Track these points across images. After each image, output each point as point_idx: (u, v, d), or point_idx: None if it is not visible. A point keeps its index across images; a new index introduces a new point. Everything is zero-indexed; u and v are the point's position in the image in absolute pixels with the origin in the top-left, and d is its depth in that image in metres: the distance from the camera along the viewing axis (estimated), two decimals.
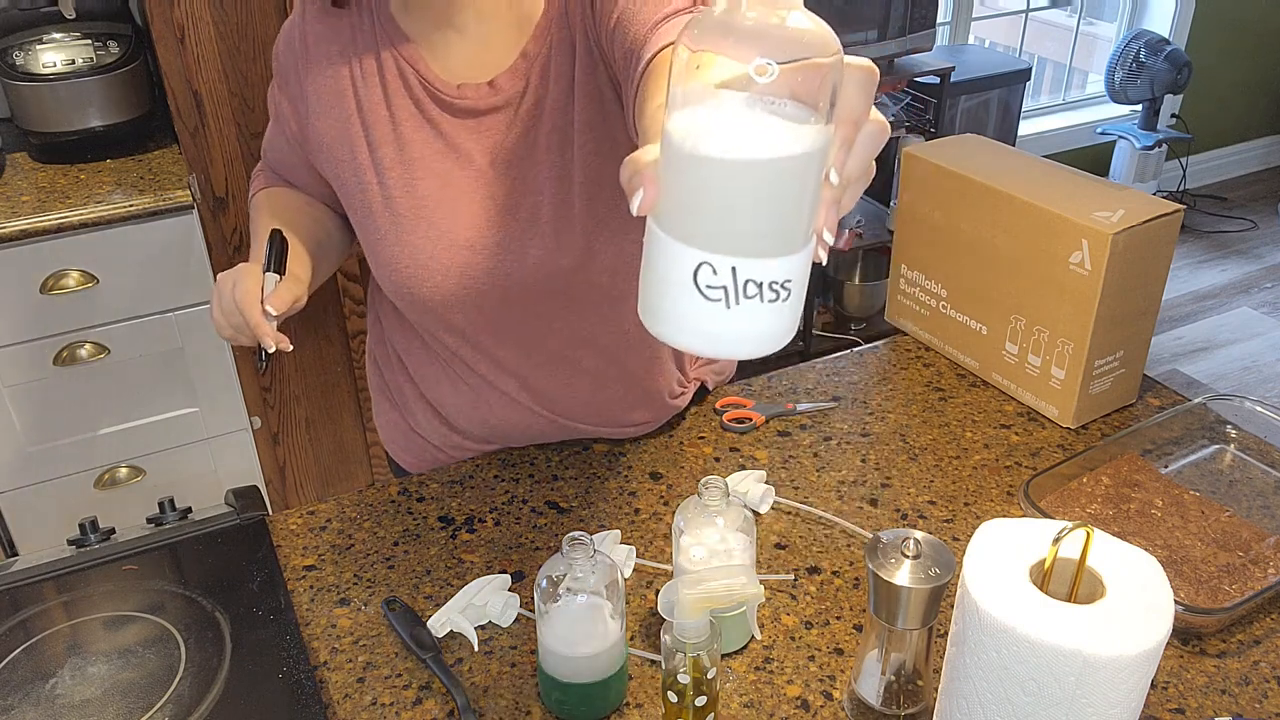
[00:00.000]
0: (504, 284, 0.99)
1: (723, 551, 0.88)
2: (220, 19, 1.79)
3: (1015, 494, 1.08)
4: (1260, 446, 1.12)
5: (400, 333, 1.15)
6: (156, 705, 0.84)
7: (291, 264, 0.99)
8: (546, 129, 0.96)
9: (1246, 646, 0.90)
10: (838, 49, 0.47)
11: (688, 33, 0.48)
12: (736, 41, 0.47)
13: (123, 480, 2.04)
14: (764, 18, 0.47)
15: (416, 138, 0.98)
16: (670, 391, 1.15)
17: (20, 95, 1.91)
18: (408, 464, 1.24)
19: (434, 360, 1.12)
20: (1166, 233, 1.11)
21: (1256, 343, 3.24)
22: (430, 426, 1.18)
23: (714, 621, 0.78)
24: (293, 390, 2.14)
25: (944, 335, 1.31)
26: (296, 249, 1.02)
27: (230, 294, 0.93)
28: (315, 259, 1.04)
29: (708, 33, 0.47)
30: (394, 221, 0.99)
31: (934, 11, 2.86)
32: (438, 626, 0.92)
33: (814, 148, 0.47)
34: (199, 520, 1.06)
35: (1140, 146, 3.58)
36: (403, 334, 1.14)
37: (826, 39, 0.47)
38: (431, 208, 0.98)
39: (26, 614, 0.94)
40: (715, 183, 0.48)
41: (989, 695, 0.67)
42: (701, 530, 0.88)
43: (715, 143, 0.47)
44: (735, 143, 0.47)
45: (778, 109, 0.46)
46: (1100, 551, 0.69)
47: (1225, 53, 3.93)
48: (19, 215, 1.77)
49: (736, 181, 0.47)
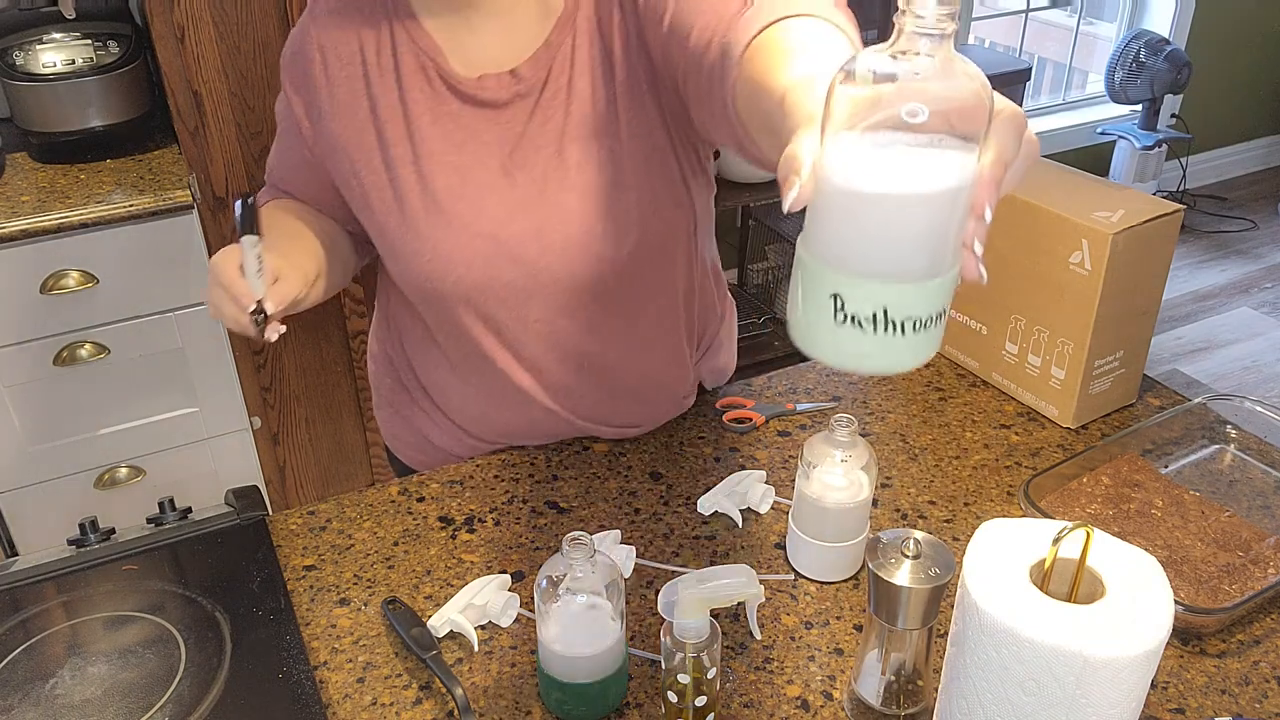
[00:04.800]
0: (529, 276, 0.99)
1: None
2: (220, 19, 1.79)
3: (1015, 494, 1.08)
4: (1260, 446, 1.12)
5: (409, 333, 1.15)
6: (156, 705, 0.84)
7: (299, 257, 0.97)
8: (571, 119, 0.95)
9: (1246, 646, 0.90)
10: (987, 92, 0.50)
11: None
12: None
13: (123, 480, 2.04)
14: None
15: (434, 132, 0.98)
16: (684, 390, 1.16)
17: (20, 95, 1.91)
18: (410, 460, 1.23)
19: (446, 361, 1.12)
20: (1166, 233, 1.11)
21: (1256, 343, 3.24)
22: (437, 425, 1.18)
23: (714, 621, 0.78)
24: (293, 390, 2.14)
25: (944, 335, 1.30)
26: (307, 245, 1.00)
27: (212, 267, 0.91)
28: (326, 259, 1.03)
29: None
30: (414, 217, 0.99)
31: None
32: (438, 626, 0.92)
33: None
34: (199, 520, 1.06)
35: (1140, 146, 3.58)
36: (412, 334, 1.14)
37: (977, 84, 0.49)
38: (453, 201, 0.98)
39: (26, 614, 0.94)
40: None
41: (989, 695, 0.67)
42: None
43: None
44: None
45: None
46: (1100, 551, 0.69)
47: (1225, 53, 3.93)
48: (19, 215, 1.77)
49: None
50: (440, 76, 0.97)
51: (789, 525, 0.98)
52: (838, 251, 0.52)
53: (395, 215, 1.00)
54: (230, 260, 0.89)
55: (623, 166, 0.96)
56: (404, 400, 1.20)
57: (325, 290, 1.03)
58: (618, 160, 0.95)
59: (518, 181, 0.98)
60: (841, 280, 0.51)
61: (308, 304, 0.97)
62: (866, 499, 0.94)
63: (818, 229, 0.53)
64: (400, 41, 0.97)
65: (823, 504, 0.93)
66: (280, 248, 0.98)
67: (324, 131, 1.01)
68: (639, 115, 0.94)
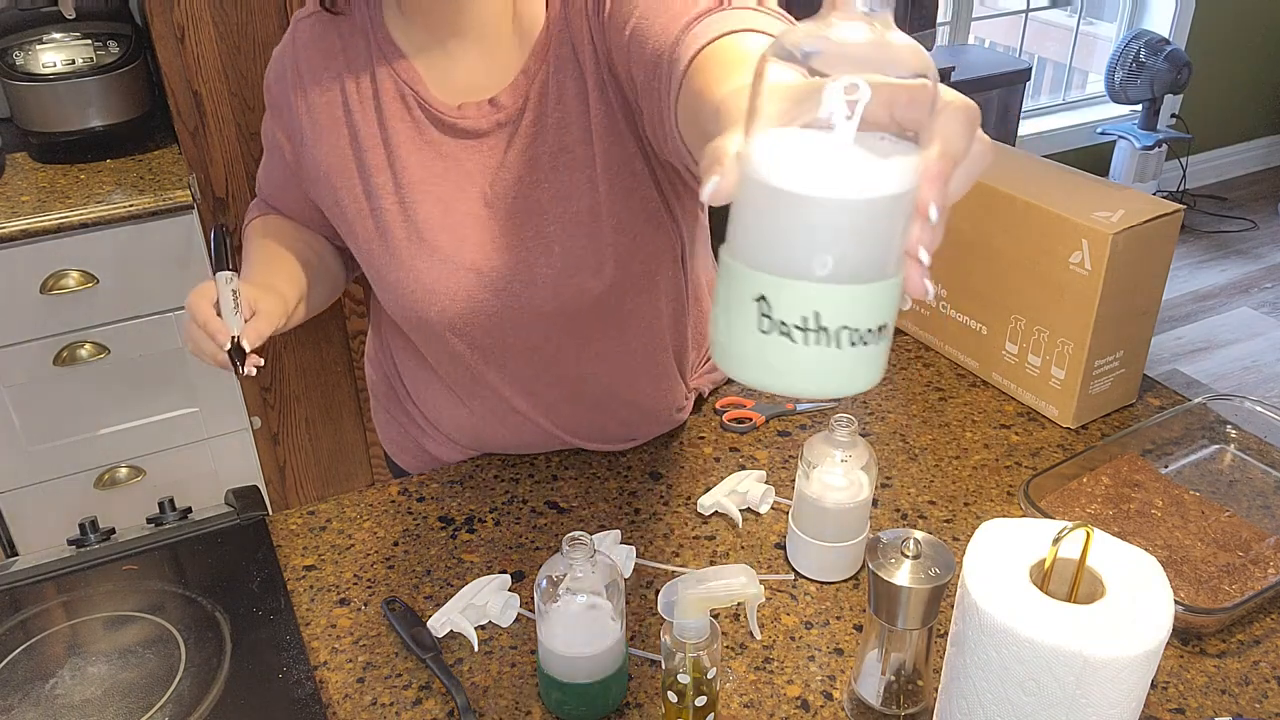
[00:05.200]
0: (512, 306, 0.98)
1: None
2: (220, 19, 1.79)
3: (1015, 494, 1.08)
4: (1260, 446, 1.12)
5: (402, 351, 1.15)
6: (156, 705, 0.84)
7: (280, 282, 0.97)
8: (548, 148, 0.94)
9: (1246, 646, 0.90)
10: (931, 71, 0.45)
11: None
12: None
13: (123, 480, 2.04)
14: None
15: (414, 161, 0.97)
16: (677, 405, 1.15)
17: (20, 95, 1.91)
18: (408, 465, 1.24)
19: (436, 379, 1.12)
20: (1166, 233, 1.11)
21: (1256, 343, 3.24)
22: (431, 438, 1.18)
23: (714, 621, 0.78)
24: (293, 390, 2.14)
25: (944, 335, 1.31)
26: (288, 269, 1.00)
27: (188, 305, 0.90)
28: (307, 281, 1.03)
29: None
30: (396, 247, 0.98)
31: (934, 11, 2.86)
32: (438, 626, 0.92)
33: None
34: (199, 520, 1.06)
35: (1140, 146, 3.58)
36: (404, 353, 1.14)
37: (921, 59, 0.45)
38: (435, 232, 0.97)
39: (26, 614, 0.94)
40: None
41: (989, 695, 0.67)
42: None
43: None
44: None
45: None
46: (1100, 551, 0.69)
47: (1225, 53, 3.93)
48: (19, 215, 1.77)
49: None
50: (420, 105, 0.96)
51: (789, 525, 0.98)
52: (764, 251, 0.46)
53: (378, 244, 0.99)
54: (205, 297, 0.89)
55: (601, 196, 0.94)
56: (399, 412, 1.20)
57: (307, 312, 1.03)
58: (596, 189, 0.94)
59: (498, 212, 0.97)
60: (768, 281, 0.45)
61: (288, 328, 0.97)
62: (866, 499, 0.94)
63: (742, 228, 0.47)
64: (380, 70, 0.96)
65: (823, 504, 0.93)
66: (259, 276, 0.98)
67: (306, 157, 1.01)
68: (615, 144, 0.93)
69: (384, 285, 1.01)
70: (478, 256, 0.97)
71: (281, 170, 1.06)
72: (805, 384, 0.47)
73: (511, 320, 0.99)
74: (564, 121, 0.93)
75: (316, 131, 0.99)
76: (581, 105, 0.92)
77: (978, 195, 1.19)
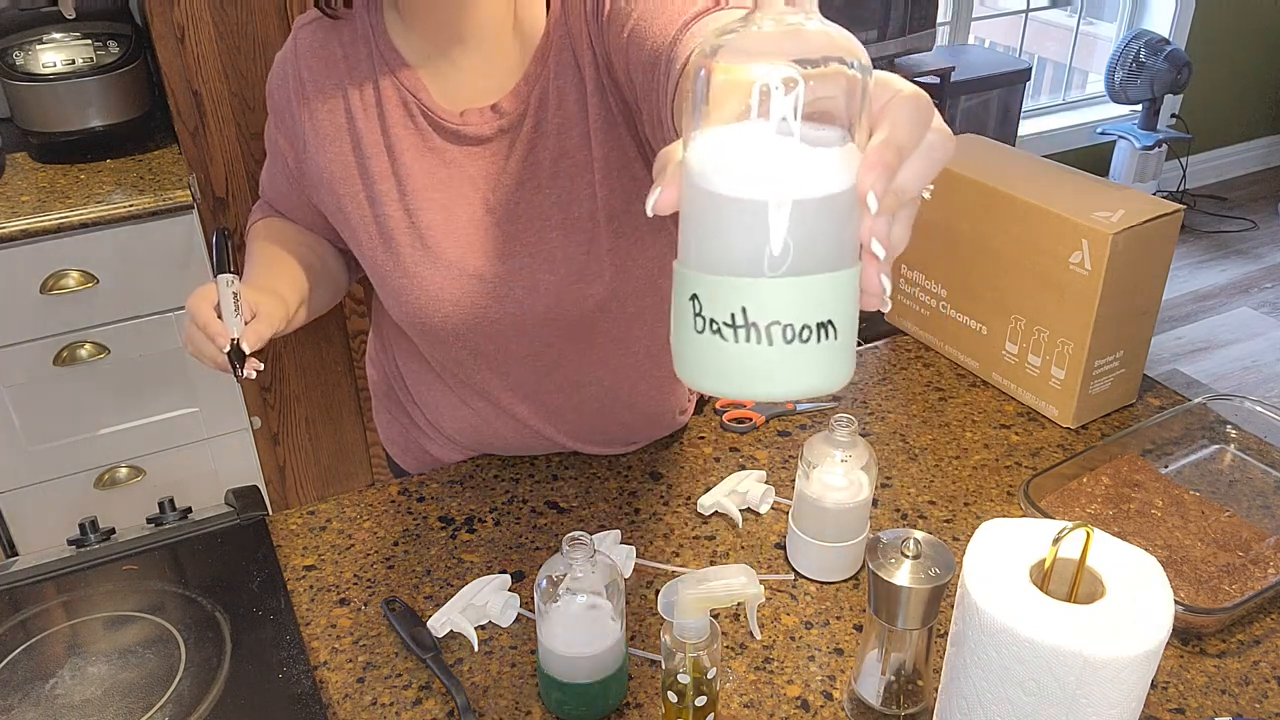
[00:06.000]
0: (515, 312, 0.98)
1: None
2: (220, 19, 1.79)
3: (1015, 494, 1.08)
4: (1260, 446, 1.12)
5: (403, 353, 1.15)
6: (156, 705, 0.84)
7: (281, 285, 0.97)
8: (549, 154, 0.94)
9: (1246, 646, 0.90)
10: (852, 56, 0.44)
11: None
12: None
13: (123, 480, 2.04)
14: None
15: (418, 168, 0.97)
16: (679, 409, 1.15)
17: (20, 95, 1.91)
18: (409, 466, 1.24)
19: (439, 383, 1.12)
20: (1166, 233, 1.11)
21: (1256, 343, 3.25)
22: (433, 440, 1.18)
23: (714, 621, 0.78)
24: (293, 390, 2.14)
25: (944, 335, 1.31)
26: (290, 272, 1.00)
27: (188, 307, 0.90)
28: (309, 284, 1.03)
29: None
30: (400, 254, 0.98)
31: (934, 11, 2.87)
32: (438, 626, 0.92)
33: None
34: (199, 520, 1.06)
35: (1140, 146, 3.58)
36: (405, 354, 1.14)
37: (835, 45, 0.44)
38: (438, 239, 0.97)
39: (26, 614, 0.94)
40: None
41: (989, 695, 0.67)
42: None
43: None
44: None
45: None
46: (1100, 551, 0.69)
47: (1225, 53, 3.93)
48: (19, 215, 1.77)
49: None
50: (423, 113, 0.96)
51: (789, 525, 0.98)
52: (696, 250, 0.45)
53: (382, 251, 0.99)
54: (206, 299, 0.89)
55: (601, 202, 0.94)
56: (400, 413, 1.20)
57: (308, 315, 1.03)
58: (596, 195, 0.94)
59: (501, 219, 0.97)
60: (698, 279, 0.45)
61: (288, 331, 0.97)
62: (866, 499, 0.94)
63: (681, 230, 0.47)
64: (382, 78, 0.96)
65: (823, 504, 0.93)
66: (260, 279, 0.98)
67: (309, 163, 1.01)
68: (615, 148, 0.93)
69: (388, 291, 1.01)
70: (481, 263, 0.97)
71: (284, 174, 1.06)
72: (743, 385, 0.45)
73: (514, 327, 0.99)
74: (564, 126, 0.93)
75: (319, 139, 0.99)
76: (581, 109, 0.92)
77: (978, 195, 1.19)
